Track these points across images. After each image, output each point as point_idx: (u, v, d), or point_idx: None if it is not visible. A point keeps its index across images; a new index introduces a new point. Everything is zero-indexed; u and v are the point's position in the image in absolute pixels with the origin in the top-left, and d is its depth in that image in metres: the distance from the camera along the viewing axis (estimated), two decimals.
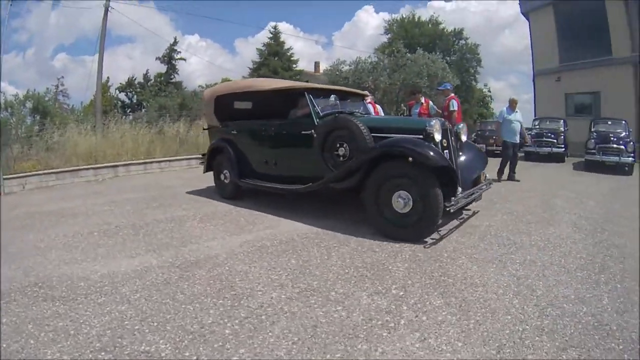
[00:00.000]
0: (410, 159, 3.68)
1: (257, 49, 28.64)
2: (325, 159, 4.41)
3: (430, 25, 30.87)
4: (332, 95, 4.85)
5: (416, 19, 31.18)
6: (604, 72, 16.54)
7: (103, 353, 1.90)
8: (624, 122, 11.52)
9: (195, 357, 1.87)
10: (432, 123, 4.08)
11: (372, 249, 3.44)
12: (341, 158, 4.29)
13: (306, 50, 49.14)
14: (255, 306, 2.37)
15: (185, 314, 2.27)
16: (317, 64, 34.52)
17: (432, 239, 3.76)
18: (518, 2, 22.30)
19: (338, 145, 4.30)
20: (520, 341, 2.08)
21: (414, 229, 3.74)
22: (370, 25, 55.50)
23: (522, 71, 63.02)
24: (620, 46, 16.93)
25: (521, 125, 7.95)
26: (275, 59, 27.20)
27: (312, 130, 4.57)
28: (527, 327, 2.22)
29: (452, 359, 1.89)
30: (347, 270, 2.95)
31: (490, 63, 50.62)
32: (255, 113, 6.13)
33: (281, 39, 28.38)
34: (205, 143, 7.99)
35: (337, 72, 17.61)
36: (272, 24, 40.38)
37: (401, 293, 2.60)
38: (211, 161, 6.21)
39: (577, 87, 17.86)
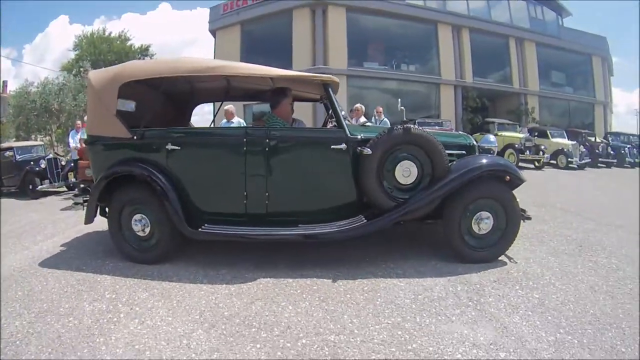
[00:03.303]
0: (508, 177, 3.66)
1: None
2: (383, 184, 3.65)
3: (119, 42, 30.64)
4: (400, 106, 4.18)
5: (106, 34, 30.45)
6: None
7: None
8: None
9: None
10: (471, 137, 4.23)
11: (80, 268, 3.82)
12: (403, 182, 3.67)
13: None
14: (7, 336, 2.62)
15: None
16: (5, 84, 30.99)
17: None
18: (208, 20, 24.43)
19: (398, 166, 3.64)
20: (215, 305, 2.95)
21: (495, 247, 3.70)
22: (63, 37, 51.36)
23: None
24: (300, 60, 20.70)
25: None
26: None
27: (344, 145, 3.64)
28: (218, 295, 3.13)
29: (168, 329, 2.64)
30: (66, 289, 3.35)
31: None
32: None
33: None
34: None
35: (25, 95, 15.91)
36: None
37: (114, 296, 3.20)
38: (103, 201, 4.06)
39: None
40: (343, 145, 3.64)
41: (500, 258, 3.77)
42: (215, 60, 5.81)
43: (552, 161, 15.52)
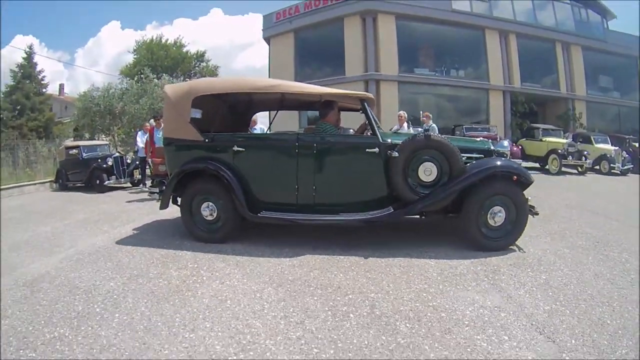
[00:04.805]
0: (515, 177, 4.23)
1: (11, 70, 25.65)
2: (408, 181, 4.29)
3: (174, 48, 32.50)
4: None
5: (162, 42, 32.37)
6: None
7: None
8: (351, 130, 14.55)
9: None
10: (489, 142, 4.82)
11: (161, 246, 4.60)
12: (425, 180, 4.29)
13: (48, 68, 44.86)
14: (105, 292, 3.30)
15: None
16: (62, 87, 34.93)
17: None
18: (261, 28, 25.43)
19: (421, 166, 4.28)
20: (281, 272, 3.70)
21: (507, 237, 4.29)
22: (114, 42, 56.03)
23: None
24: (353, 67, 21.23)
25: None
26: (28, 82, 24.97)
27: (377, 149, 4.33)
28: (283, 266, 3.89)
29: (243, 287, 3.37)
30: (152, 261, 4.09)
31: None
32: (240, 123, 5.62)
33: (34, 60, 26.21)
34: None
35: (90, 99, 17.37)
36: (21, 38, 36.24)
37: (195, 265, 3.96)
38: (176, 192, 4.85)
39: None
40: (376, 149, 4.35)
41: (520, 248, 4.36)
42: (272, 79, 6.63)
43: (595, 167, 15.38)
